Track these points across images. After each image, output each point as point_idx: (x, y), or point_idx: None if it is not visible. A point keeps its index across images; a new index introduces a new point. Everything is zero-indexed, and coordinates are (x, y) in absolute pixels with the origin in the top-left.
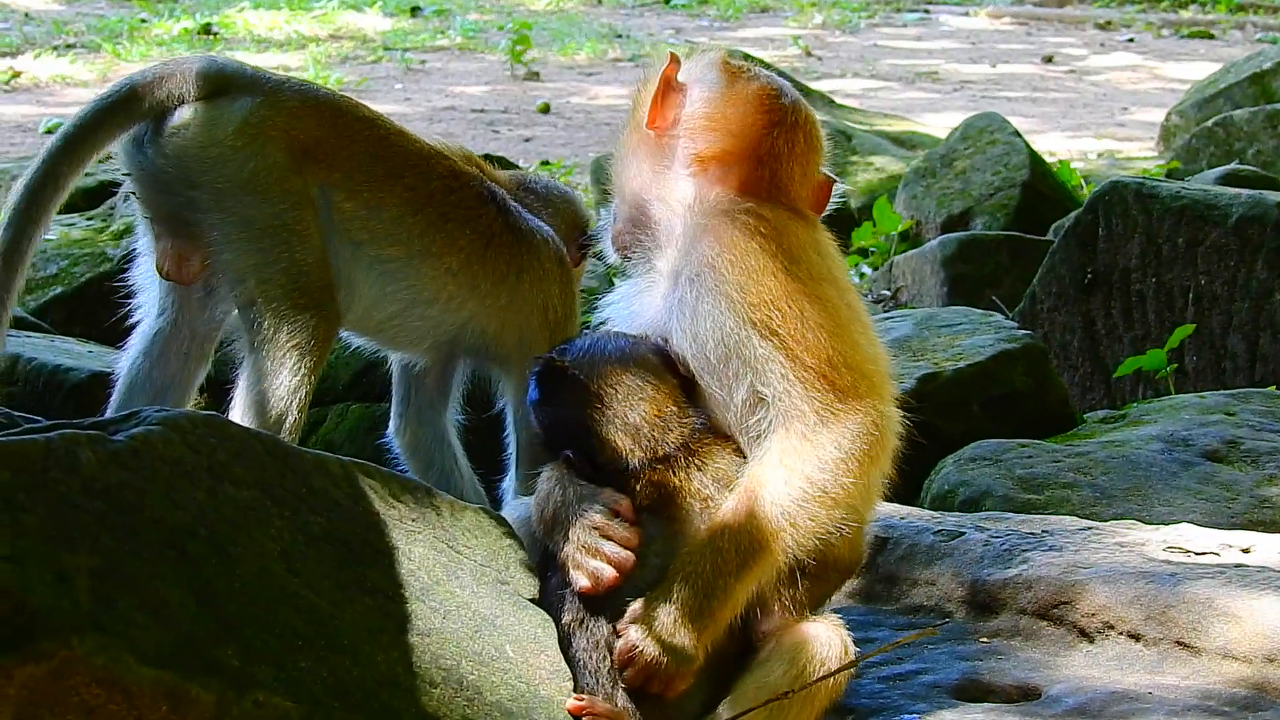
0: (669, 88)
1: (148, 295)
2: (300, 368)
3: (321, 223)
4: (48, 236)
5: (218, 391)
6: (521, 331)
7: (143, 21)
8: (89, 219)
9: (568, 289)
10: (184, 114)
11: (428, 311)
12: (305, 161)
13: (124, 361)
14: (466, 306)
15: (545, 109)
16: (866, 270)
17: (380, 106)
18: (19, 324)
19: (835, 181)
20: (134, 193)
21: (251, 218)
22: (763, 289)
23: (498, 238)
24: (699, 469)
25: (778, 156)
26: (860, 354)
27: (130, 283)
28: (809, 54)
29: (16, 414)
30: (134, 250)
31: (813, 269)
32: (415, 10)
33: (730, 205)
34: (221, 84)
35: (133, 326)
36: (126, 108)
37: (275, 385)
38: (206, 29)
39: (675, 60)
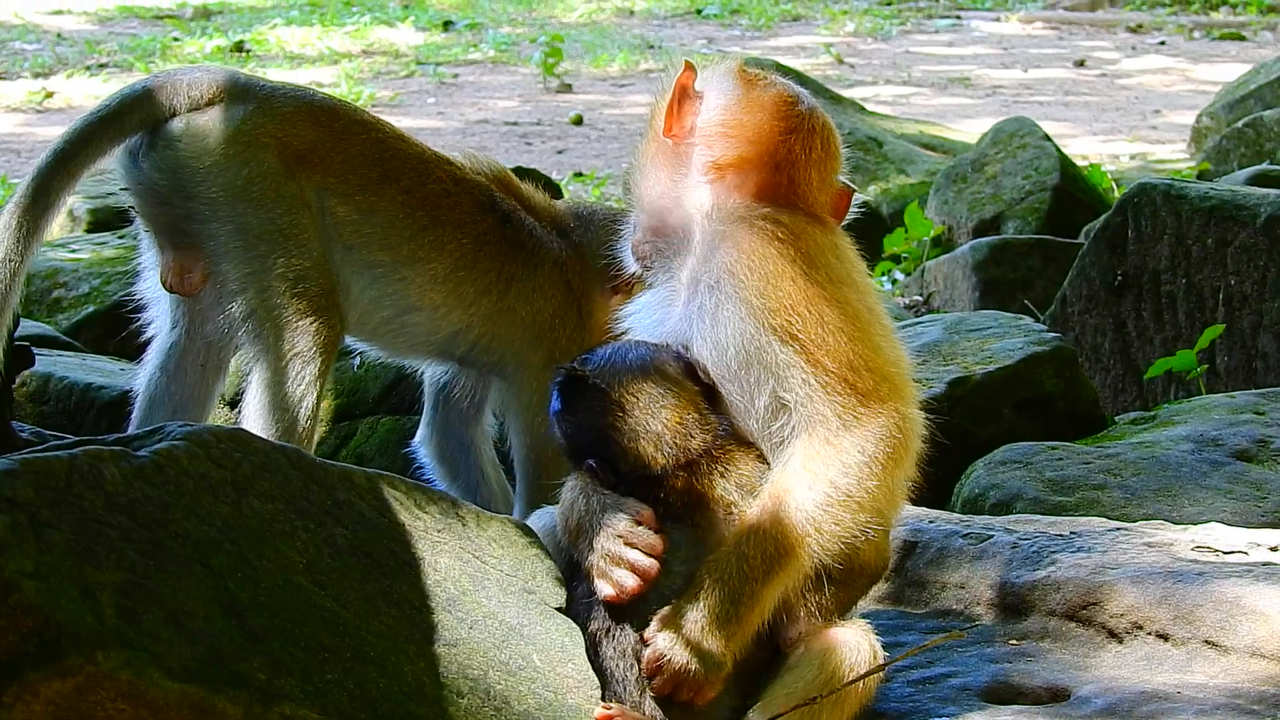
0: (685, 95)
1: (159, 309)
2: (305, 375)
3: (319, 227)
4: (80, 255)
5: None
6: (513, 343)
7: (175, 40)
8: (121, 237)
9: (569, 305)
10: (176, 126)
11: (416, 318)
12: (300, 166)
13: (141, 377)
14: (453, 315)
15: (578, 121)
16: (899, 276)
17: (413, 121)
18: (51, 343)
19: (854, 191)
20: (133, 206)
21: (247, 226)
22: (782, 294)
23: (490, 245)
24: (722, 476)
25: (795, 162)
26: (881, 357)
27: (139, 298)
28: (841, 62)
29: (47, 432)
30: (140, 265)
31: (832, 273)
32: (448, 25)
33: (747, 211)
34: (214, 94)
35: (148, 342)
36: (117, 122)
37: (280, 395)
38: (239, 47)
39: (691, 68)
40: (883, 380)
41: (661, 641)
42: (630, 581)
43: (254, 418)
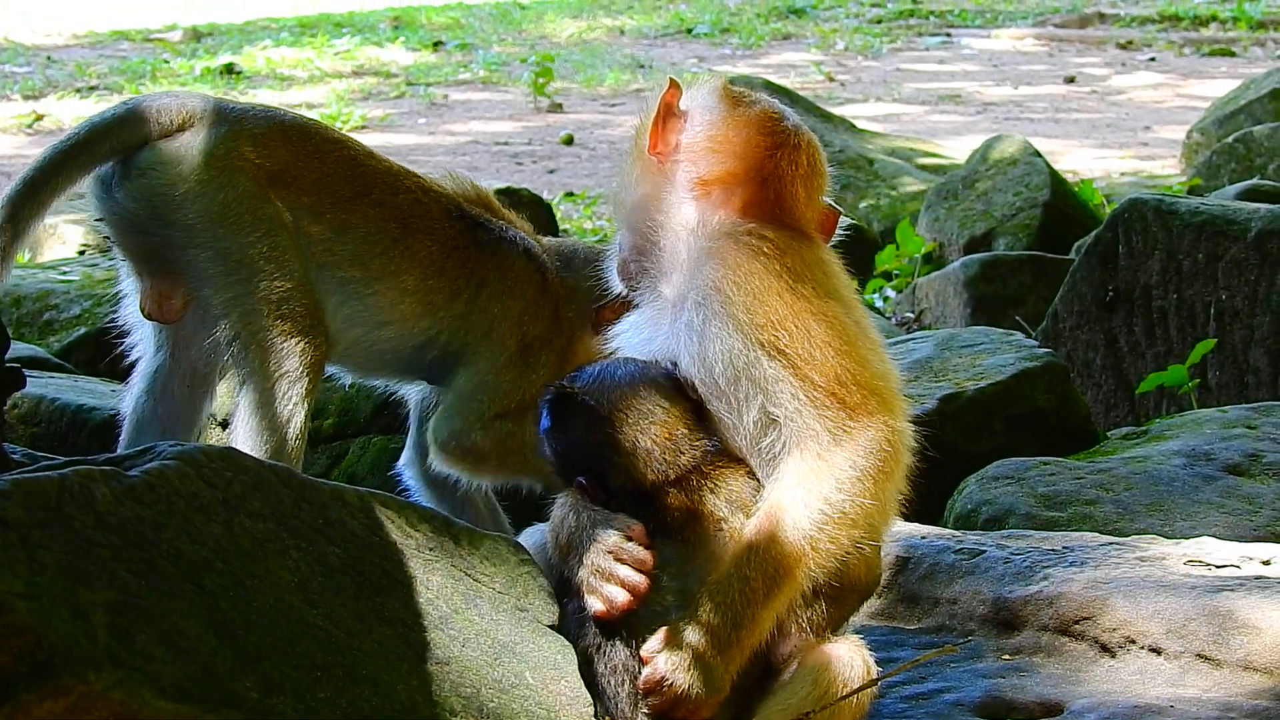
0: (670, 113)
1: (142, 333)
2: (291, 397)
3: (299, 247)
4: (70, 277)
5: None
6: (485, 339)
7: (165, 62)
8: (112, 260)
9: (541, 306)
10: (149, 154)
11: (387, 333)
12: (275, 187)
13: (128, 401)
14: (423, 323)
15: (569, 140)
16: (890, 293)
17: (403, 141)
18: (42, 365)
19: (840, 213)
20: (109, 236)
21: (227, 250)
22: (769, 309)
23: (460, 251)
24: (712, 492)
25: (781, 178)
26: (869, 370)
27: (122, 323)
28: (832, 80)
29: (38, 454)
30: (121, 291)
31: (818, 287)
32: (438, 45)
33: (733, 227)
34: (185, 119)
35: (134, 365)
36: (88, 150)
37: (269, 416)
38: (229, 69)
39: (676, 86)
40: (871, 394)
41: (663, 663)
42: (621, 597)
43: (243, 439)
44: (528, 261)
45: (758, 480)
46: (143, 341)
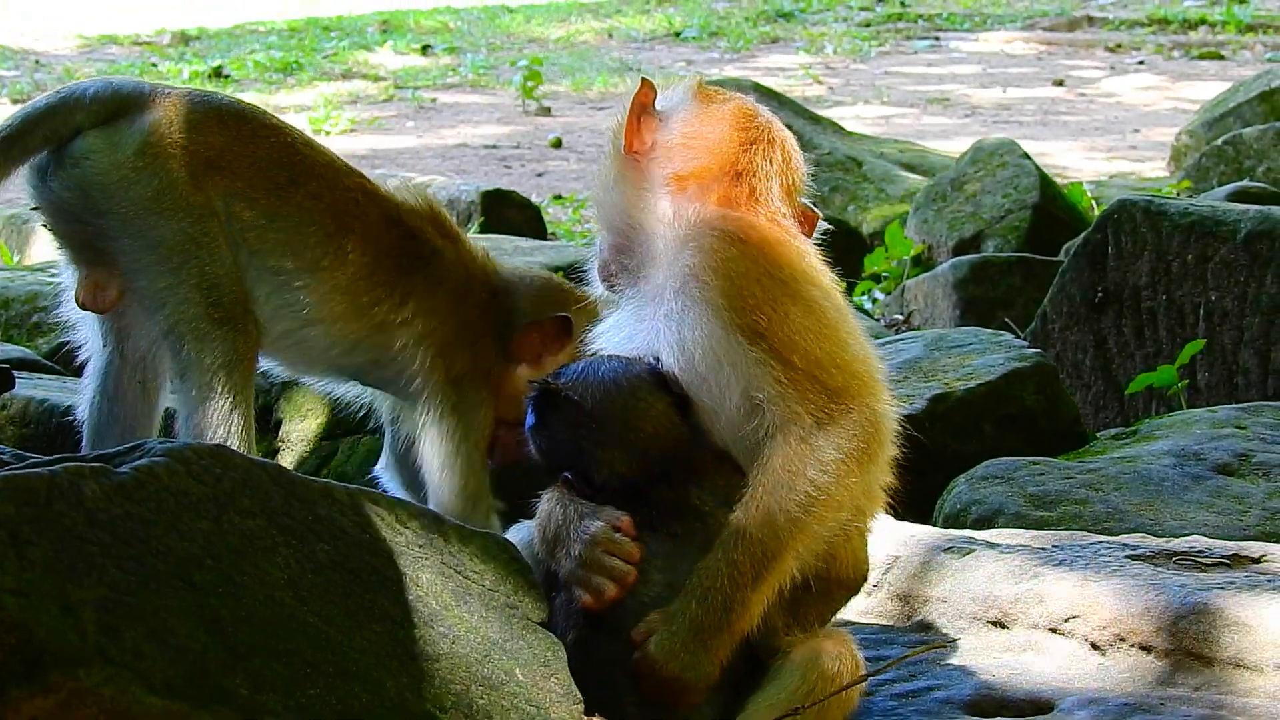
0: (645, 112)
1: (89, 329)
2: (229, 386)
3: (228, 234)
4: (59, 279)
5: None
6: (410, 358)
7: (153, 66)
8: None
9: (467, 329)
10: (83, 142)
11: (315, 330)
12: (208, 173)
13: (83, 404)
14: (349, 325)
15: (557, 144)
16: (879, 295)
17: (392, 144)
18: (31, 366)
19: (819, 216)
20: (45, 224)
21: (160, 238)
22: (746, 294)
23: (390, 259)
24: (696, 485)
25: (755, 173)
26: (849, 353)
27: (66, 320)
28: (820, 83)
29: (27, 455)
30: (62, 285)
31: (795, 272)
32: (426, 48)
33: (709, 216)
34: (118, 106)
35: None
36: (20, 141)
37: (209, 410)
38: (218, 72)
39: (650, 86)
40: (852, 377)
41: (653, 647)
42: (608, 589)
43: (190, 431)
44: (461, 282)
45: (743, 473)
46: (90, 339)
